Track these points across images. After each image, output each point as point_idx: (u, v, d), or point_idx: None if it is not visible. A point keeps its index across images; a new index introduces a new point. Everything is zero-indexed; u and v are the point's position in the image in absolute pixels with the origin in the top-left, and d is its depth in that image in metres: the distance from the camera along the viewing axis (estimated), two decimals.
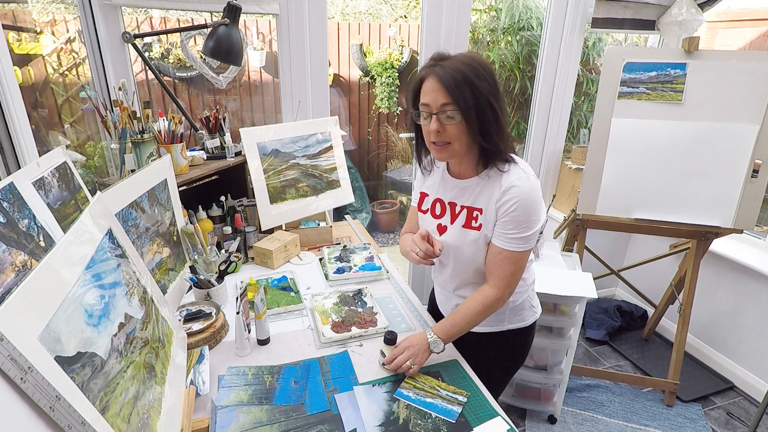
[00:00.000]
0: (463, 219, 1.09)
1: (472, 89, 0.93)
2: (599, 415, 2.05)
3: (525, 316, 1.21)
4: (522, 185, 0.99)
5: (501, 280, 1.06)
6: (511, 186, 0.99)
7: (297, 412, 0.95)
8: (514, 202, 0.99)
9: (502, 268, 1.05)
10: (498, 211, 1.02)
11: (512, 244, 1.02)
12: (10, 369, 0.47)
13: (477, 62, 0.96)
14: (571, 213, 2.10)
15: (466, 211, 1.09)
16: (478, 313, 1.07)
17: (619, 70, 1.86)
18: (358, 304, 1.34)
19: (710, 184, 1.84)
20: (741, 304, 2.24)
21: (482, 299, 1.07)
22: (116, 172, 1.51)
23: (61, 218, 0.96)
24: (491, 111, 0.96)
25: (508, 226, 1.02)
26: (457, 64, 0.95)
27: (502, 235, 1.03)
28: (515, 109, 3.62)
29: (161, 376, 0.83)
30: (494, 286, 1.07)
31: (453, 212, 1.11)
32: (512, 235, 1.02)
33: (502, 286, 1.06)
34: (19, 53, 1.90)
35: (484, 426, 0.94)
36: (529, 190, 0.99)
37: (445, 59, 0.98)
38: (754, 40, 2.72)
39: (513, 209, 1.00)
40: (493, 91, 0.96)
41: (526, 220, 1.00)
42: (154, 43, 2.99)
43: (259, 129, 1.64)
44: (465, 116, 0.95)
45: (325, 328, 1.21)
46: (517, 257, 1.04)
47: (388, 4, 4.55)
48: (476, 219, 1.07)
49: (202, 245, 1.41)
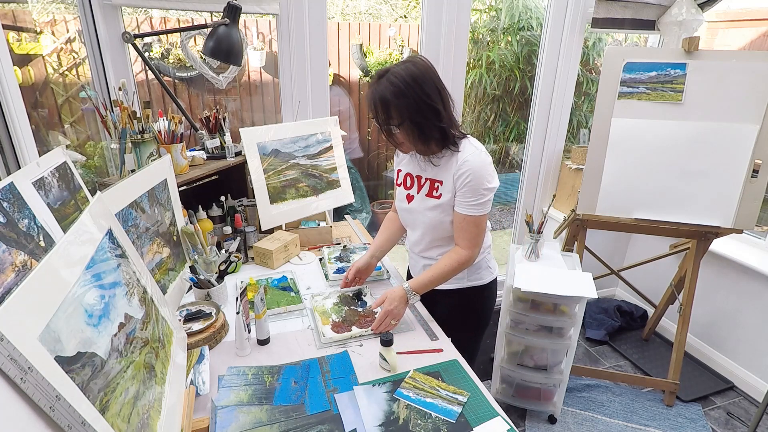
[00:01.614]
0: (427, 189, 1.27)
1: (397, 109, 1.12)
2: (599, 415, 2.05)
3: (482, 275, 1.39)
4: (473, 160, 1.18)
5: (469, 241, 1.24)
6: (465, 161, 1.18)
7: (297, 412, 0.95)
8: (468, 174, 1.17)
9: (468, 231, 1.24)
10: (456, 182, 1.20)
11: (473, 209, 1.21)
12: (10, 369, 0.47)
13: (401, 78, 1.10)
14: (571, 213, 2.10)
15: (429, 182, 1.27)
16: (452, 269, 1.26)
17: (619, 70, 1.86)
18: (359, 304, 1.34)
19: (710, 184, 1.84)
20: (741, 304, 2.24)
21: (456, 257, 1.25)
22: (116, 172, 1.51)
23: (61, 218, 0.96)
24: (424, 116, 1.13)
25: (467, 195, 1.20)
26: (380, 88, 1.12)
27: (464, 203, 1.21)
28: (515, 109, 3.63)
29: (161, 376, 0.83)
30: (465, 247, 1.25)
31: (419, 183, 1.30)
32: (472, 202, 1.20)
33: (471, 245, 1.25)
34: (19, 53, 1.90)
35: (484, 426, 0.94)
36: (480, 162, 1.18)
37: (380, 77, 1.13)
38: (754, 40, 2.72)
39: (469, 180, 1.18)
40: (420, 99, 1.11)
41: (480, 188, 1.18)
42: (154, 43, 2.99)
43: (259, 129, 1.64)
44: (399, 128, 1.15)
45: (325, 329, 1.21)
46: (478, 220, 1.22)
47: (388, 4, 4.55)
48: (437, 189, 1.25)
49: (202, 245, 1.41)
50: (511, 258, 2.01)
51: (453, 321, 1.34)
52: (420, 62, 1.15)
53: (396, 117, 1.13)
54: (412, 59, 1.16)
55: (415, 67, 1.12)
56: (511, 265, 1.94)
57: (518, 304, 1.85)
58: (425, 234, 1.34)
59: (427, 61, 1.16)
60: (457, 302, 1.40)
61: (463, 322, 1.42)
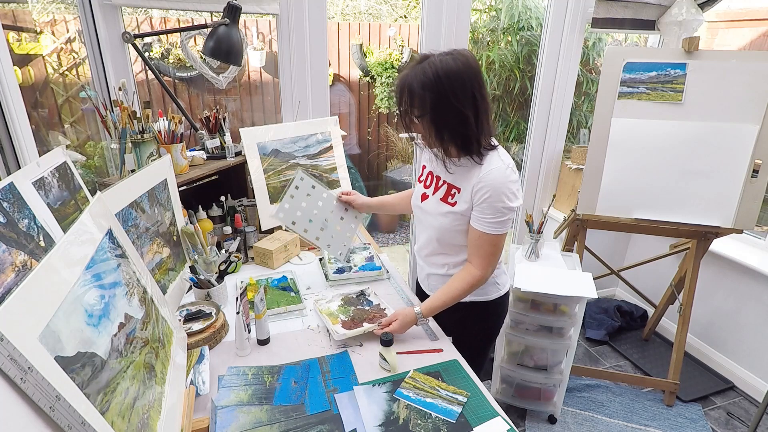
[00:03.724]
0: (442, 192, 1.20)
1: (421, 100, 1.03)
2: (599, 415, 2.05)
3: (488, 290, 1.29)
4: (496, 176, 1.08)
5: (483, 260, 1.16)
6: (487, 175, 1.09)
7: (297, 412, 0.95)
8: (488, 190, 1.09)
9: (483, 249, 1.15)
10: (474, 196, 1.12)
11: (491, 227, 1.12)
12: (10, 369, 0.47)
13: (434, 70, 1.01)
14: (571, 213, 2.10)
15: (446, 186, 1.19)
16: (463, 291, 1.18)
17: (619, 70, 1.86)
18: (364, 303, 1.34)
19: (710, 184, 1.84)
20: (741, 304, 2.24)
21: (469, 279, 1.17)
22: (116, 172, 1.51)
23: (61, 218, 0.96)
24: (445, 117, 1.04)
25: (485, 212, 1.11)
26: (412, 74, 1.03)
27: (481, 220, 1.12)
28: (515, 109, 3.63)
29: (161, 376, 0.83)
30: (478, 266, 1.17)
31: (437, 184, 1.22)
32: (490, 220, 1.11)
33: (485, 265, 1.16)
34: (19, 53, 1.90)
35: (484, 426, 0.94)
36: (503, 180, 1.08)
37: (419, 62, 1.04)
38: (754, 40, 2.72)
39: (488, 196, 1.09)
40: (446, 98, 1.01)
41: (500, 207, 1.10)
42: (154, 43, 2.99)
43: (259, 129, 1.64)
44: (419, 120, 1.07)
45: (336, 327, 1.20)
46: (495, 240, 1.14)
47: (388, 4, 4.55)
48: (453, 196, 1.17)
49: (202, 245, 1.41)
50: (511, 258, 2.01)
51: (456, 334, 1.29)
52: (461, 58, 1.02)
53: (418, 108, 1.05)
54: (455, 52, 1.04)
55: (454, 62, 1.01)
56: (511, 265, 1.94)
57: (518, 304, 1.85)
58: (431, 239, 1.26)
59: (470, 59, 1.04)
60: (461, 316, 1.30)
61: (468, 335, 1.34)
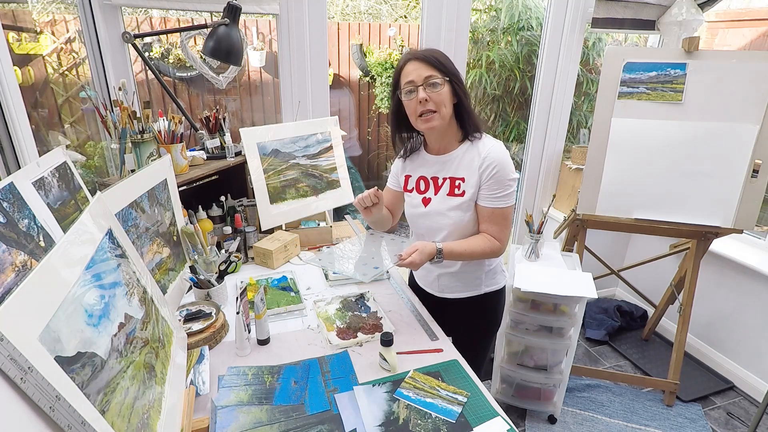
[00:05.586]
0: (447, 188, 1.25)
1: (447, 63, 1.16)
2: (599, 415, 2.05)
3: (498, 279, 1.37)
4: (497, 150, 1.18)
5: (499, 233, 1.22)
6: (488, 153, 1.18)
7: (297, 412, 0.95)
8: (495, 165, 1.17)
9: (497, 224, 1.22)
10: (482, 175, 1.18)
11: (500, 201, 1.19)
12: (10, 369, 0.47)
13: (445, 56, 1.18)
14: (571, 213, 2.10)
15: (449, 181, 1.24)
16: (482, 252, 1.22)
17: (619, 70, 1.86)
18: (362, 309, 1.34)
19: (710, 184, 1.84)
20: (741, 304, 2.24)
21: (489, 243, 1.22)
22: (116, 172, 1.51)
23: (61, 218, 0.96)
24: (462, 88, 1.18)
25: (493, 188, 1.18)
26: (429, 51, 1.17)
27: (490, 197, 1.19)
28: (515, 109, 3.62)
29: (161, 376, 0.83)
30: (495, 237, 1.22)
31: (436, 185, 1.27)
32: (498, 194, 1.19)
33: (502, 237, 1.23)
34: (19, 53, 1.90)
35: (484, 426, 0.94)
36: (504, 153, 1.19)
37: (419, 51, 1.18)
38: (754, 40, 2.72)
39: (495, 171, 1.17)
40: (459, 77, 1.17)
41: (505, 179, 1.18)
42: (154, 43, 2.98)
43: (259, 129, 1.64)
44: (447, 81, 1.15)
45: (330, 335, 1.20)
46: (506, 212, 1.21)
47: (388, 4, 4.55)
48: (458, 187, 1.23)
49: (202, 245, 1.41)
50: (511, 258, 2.01)
51: (466, 327, 1.34)
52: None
53: (447, 72, 1.15)
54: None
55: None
56: (511, 265, 1.94)
57: (518, 304, 1.85)
58: (450, 236, 1.27)
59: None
60: (472, 310, 1.37)
61: (476, 328, 1.40)
